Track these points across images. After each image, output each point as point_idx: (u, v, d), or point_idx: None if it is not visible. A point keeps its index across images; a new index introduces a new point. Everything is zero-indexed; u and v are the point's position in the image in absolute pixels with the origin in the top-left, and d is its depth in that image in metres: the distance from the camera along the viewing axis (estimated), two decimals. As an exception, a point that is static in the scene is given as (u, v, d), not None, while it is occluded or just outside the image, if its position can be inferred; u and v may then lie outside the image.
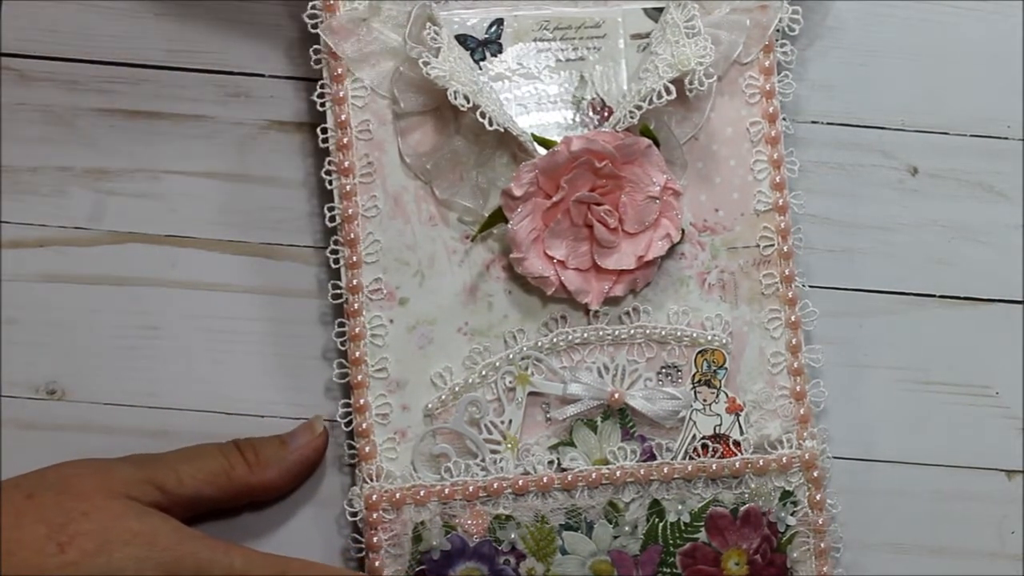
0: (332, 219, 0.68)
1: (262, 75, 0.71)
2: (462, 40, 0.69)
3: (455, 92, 0.66)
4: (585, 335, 0.69)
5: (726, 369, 0.69)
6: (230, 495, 0.66)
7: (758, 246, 0.70)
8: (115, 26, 0.71)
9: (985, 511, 0.72)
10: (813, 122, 0.71)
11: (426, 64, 0.66)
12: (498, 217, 0.68)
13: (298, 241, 0.70)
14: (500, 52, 0.70)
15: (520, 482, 0.67)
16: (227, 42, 0.71)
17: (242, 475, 0.66)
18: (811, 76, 0.73)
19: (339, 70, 0.68)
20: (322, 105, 0.68)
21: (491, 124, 0.66)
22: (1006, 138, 0.73)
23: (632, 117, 0.68)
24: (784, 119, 0.70)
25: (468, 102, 0.66)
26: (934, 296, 0.73)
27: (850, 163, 0.73)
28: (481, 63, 0.69)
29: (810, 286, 0.71)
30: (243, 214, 0.70)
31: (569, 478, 0.67)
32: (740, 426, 0.69)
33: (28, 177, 0.70)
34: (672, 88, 0.67)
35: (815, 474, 0.69)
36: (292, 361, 0.70)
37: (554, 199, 0.67)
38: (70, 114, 0.70)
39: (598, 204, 0.67)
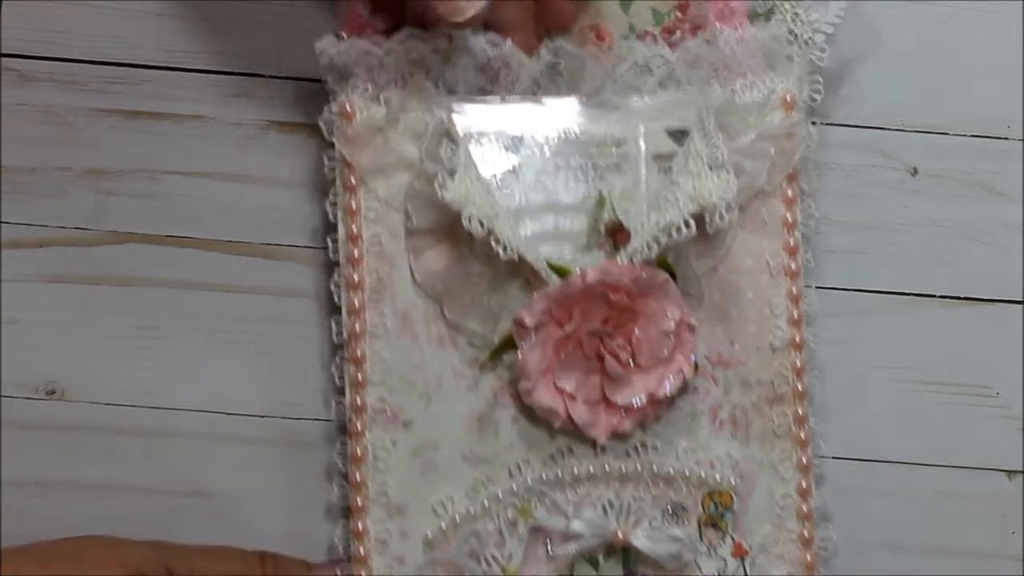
0: (339, 334, 0.67)
1: (262, 75, 0.71)
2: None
3: (469, 217, 0.64)
4: (591, 469, 0.67)
5: (733, 511, 0.67)
6: None
7: (772, 383, 0.68)
8: (115, 26, 0.71)
9: (985, 511, 0.72)
10: (813, 123, 0.71)
11: (441, 186, 0.64)
12: (509, 344, 0.66)
13: (298, 241, 0.70)
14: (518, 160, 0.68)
15: None
16: (227, 42, 0.71)
17: None
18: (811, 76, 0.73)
19: (353, 180, 0.66)
20: (334, 216, 0.67)
21: (505, 251, 0.64)
22: (1006, 138, 0.73)
23: (650, 249, 0.66)
24: (806, 252, 0.69)
25: (483, 227, 0.64)
26: (934, 296, 0.73)
27: (850, 163, 0.73)
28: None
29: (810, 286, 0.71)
30: (243, 214, 0.70)
31: None
32: (745, 571, 0.67)
33: (28, 177, 0.70)
34: (692, 223, 0.65)
35: None
36: (292, 361, 0.70)
37: (566, 330, 0.65)
38: (70, 114, 0.70)
39: (611, 337, 0.66)
